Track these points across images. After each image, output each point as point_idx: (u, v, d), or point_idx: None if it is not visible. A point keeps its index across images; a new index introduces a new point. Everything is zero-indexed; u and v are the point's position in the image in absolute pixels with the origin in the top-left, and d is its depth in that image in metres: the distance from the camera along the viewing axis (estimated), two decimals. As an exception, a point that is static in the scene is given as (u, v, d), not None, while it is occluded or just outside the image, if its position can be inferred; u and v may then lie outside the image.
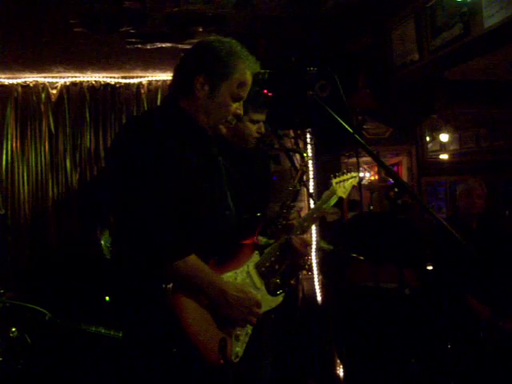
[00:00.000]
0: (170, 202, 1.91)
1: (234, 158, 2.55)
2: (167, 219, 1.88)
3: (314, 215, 2.48)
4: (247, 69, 2.10)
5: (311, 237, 5.02)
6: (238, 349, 2.04)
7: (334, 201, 2.51)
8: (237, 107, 2.13)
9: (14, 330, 2.99)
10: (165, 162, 1.93)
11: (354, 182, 2.60)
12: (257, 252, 2.23)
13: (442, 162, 6.42)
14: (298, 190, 2.59)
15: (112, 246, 4.21)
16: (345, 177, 2.58)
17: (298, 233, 2.37)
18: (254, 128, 2.74)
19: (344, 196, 2.57)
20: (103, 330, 3.00)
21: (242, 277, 2.13)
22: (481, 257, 1.76)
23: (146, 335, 1.93)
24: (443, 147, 6.55)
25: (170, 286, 1.89)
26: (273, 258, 2.24)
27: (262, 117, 2.76)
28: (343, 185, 2.56)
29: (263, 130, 2.78)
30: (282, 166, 4.45)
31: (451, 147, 6.59)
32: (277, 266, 2.28)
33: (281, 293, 2.27)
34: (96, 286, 4.01)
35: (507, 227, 5.66)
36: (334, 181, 2.55)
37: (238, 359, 2.03)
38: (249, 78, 2.12)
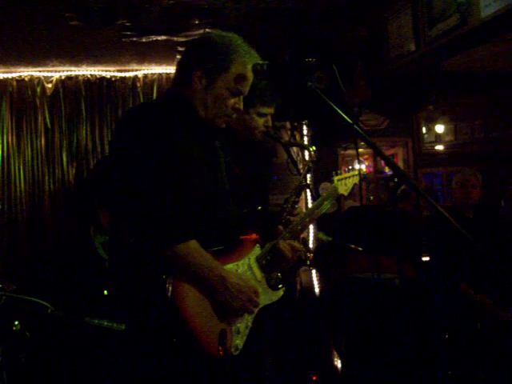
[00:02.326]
0: (172, 189, 1.92)
1: (238, 149, 2.56)
2: (168, 204, 1.90)
3: (307, 219, 2.48)
4: (247, 63, 2.10)
5: (309, 231, 5.03)
6: (238, 341, 2.05)
7: (325, 207, 2.52)
8: (235, 102, 2.14)
9: (16, 323, 3.00)
10: (167, 149, 1.95)
11: (356, 180, 2.63)
12: (258, 245, 2.24)
13: (438, 153, 6.44)
14: (303, 186, 2.60)
15: (109, 243, 4.22)
16: (346, 175, 2.61)
17: (288, 235, 2.36)
18: (260, 121, 2.74)
19: (345, 193, 2.60)
20: (106, 323, 3.01)
21: (244, 269, 2.15)
22: (478, 246, 1.76)
23: (147, 325, 1.94)
24: (439, 138, 6.57)
25: (171, 276, 1.90)
26: (268, 257, 2.25)
27: (269, 110, 2.77)
28: (344, 182, 2.59)
29: (270, 123, 2.79)
30: (278, 159, 4.46)
31: (447, 138, 6.61)
32: (275, 263, 2.29)
33: (281, 287, 2.29)
34: (96, 278, 4.02)
35: (503, 217, 5.69)
36: (335, 178, 2.58)
37: (237, 352, 2.04)
38: (249, 72, 2.12)
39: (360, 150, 5.63)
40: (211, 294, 1.97)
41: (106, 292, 3.86)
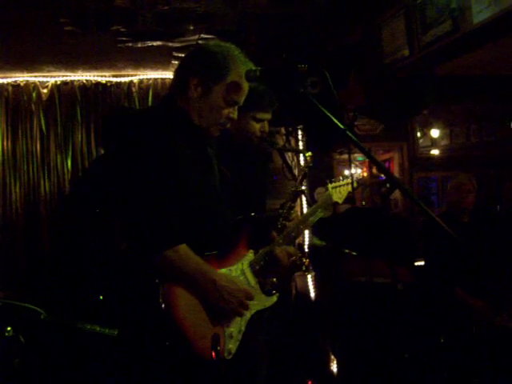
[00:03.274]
0: (163, 194, 1.94)
1: (234, 154, 2.57)
2: (159, 209, 1.92)
3: (301, 226, 2.50)
4: (243, 74, 2.12)
5: (303, 236, 5.04)
6: (231, 346, 2.06)
7: (319, 215, 2.55)
8: (230, 111, 2.17)
9: (9, 329, 2.99)
10: (159, 155, 1.97)
11: (350, 188, 2.65)
12: (251, 251, 2.25)
13: (433, 157, 6.45)
14: (299, 191, 2.62)
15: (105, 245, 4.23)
16: (341, 183, 2.64)
17: (282, 242, 2.38)
18: (257, 127, 2.76)
19: (340, 201, 2.64)
20: (98, 328, 3.01)
21: (237, 274, 2.16)
22: (472, 251, 1.77)
23: (140, 329, 1.96)
24: (434, 143, 6.59)
25: (164, 280, 1.92)
26: (262, 262, 2.26)
27: (266, 116, 2.78)
28: (339, 190, 2.62)
29: (267, 128, 2.80)
30: (273, 164, 4.47)
31: (442, 143, 6.62)
32: (268, 269, 2.30)
33: (275, 293, 2.29)
34: (90, 284, 4.02)
35: (498, 222, 5.70)
36: (329, 186, 2.61)
37: (230, 356, 2.05)
38: (245, 83, 2.15)
39: (355, 154, 5.64)
40: (203, 298, 1.98)
41: (101, 297, 3.86)
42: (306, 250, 4.88)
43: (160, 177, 1.95)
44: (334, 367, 4.80)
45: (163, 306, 1.88)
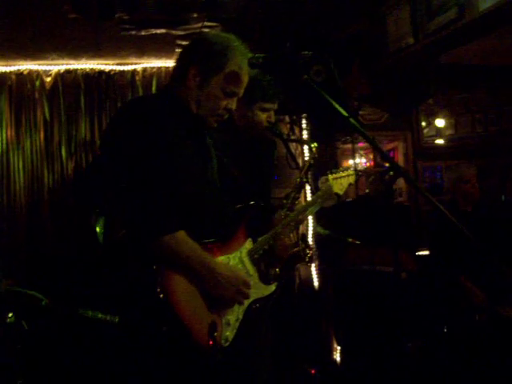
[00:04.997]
0: (159, 181, 1.94)
1: (239, 145, 2.57)
2: (155, 196, 1.92)
3: (300, 217, 2.49)
4: (243, 65, 2.12)
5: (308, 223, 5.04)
6: (228, 333, 2.07)
7: (318, 206, 2.55)
8: (228, 102, 2.15)
9: (10, 315, 3.01)
10: (156, 142, 1.97)
11: (351, 179, 2.64)
12: (250, 239, 2.25)
13: (438, 147, 6.43)
14: (305, 182, 2.61)
15: (105, 231, 4.25)
16: (342, 174, 2.62)
17: (280, 231, 2.37)
18: (263, 117, 2.76)
19: (340, 193, 2.62)
20: (100, 315, 3.03)
21: (235, 262, 2.16)
22: (477, 241, 1.77)
23: (138, 316, 1.97)
24: (439, 132, 6.56)
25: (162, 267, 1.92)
26: (260, 251, 2.26)
27: (272, 106, 2.78)
28: (340, 181, 2.60)
29: (273, 118, 2.81)
30: (277, 152, 4.46)
31: (447, 132, 6.59)
32: (266, 258, 2.30)
33: (273, 282, 2.29)
34: (92, 271, 4.04)
35: (503, 211, 5.68)
36: (330, 177, 2.59)
37: (227, 343, 2.06)
38: (244, 74, 2.14)
39: (360, 144, 5.62)
40: (201, 285, 1.99)
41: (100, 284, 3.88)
42: (311, 239, 4.89)
43: (157, 164, 1.95)
44: (338, 356, 4.81)
45: (160, 292, 1.88)
